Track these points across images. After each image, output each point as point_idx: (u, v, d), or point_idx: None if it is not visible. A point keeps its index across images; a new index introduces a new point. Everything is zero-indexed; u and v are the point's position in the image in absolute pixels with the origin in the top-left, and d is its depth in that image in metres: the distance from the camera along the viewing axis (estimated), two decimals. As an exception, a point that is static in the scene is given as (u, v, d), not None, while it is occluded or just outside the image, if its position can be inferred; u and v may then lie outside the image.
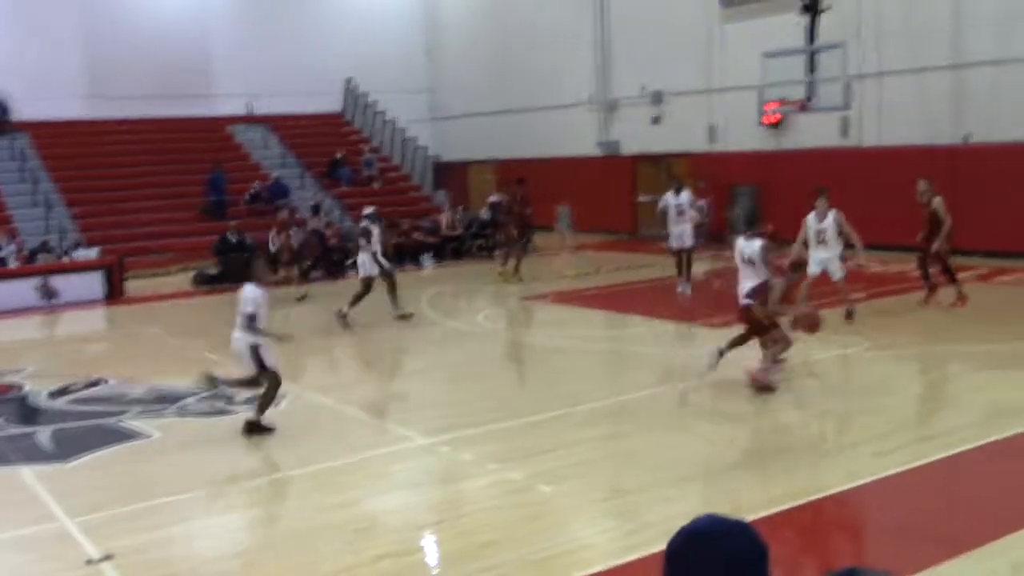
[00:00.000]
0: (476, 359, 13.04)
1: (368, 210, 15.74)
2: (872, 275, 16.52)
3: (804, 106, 18.59)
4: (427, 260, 22.78)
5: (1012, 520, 6.24)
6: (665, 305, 16.48)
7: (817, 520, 6.85)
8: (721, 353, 9.88)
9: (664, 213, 16.52)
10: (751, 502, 6.76)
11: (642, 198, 20.36)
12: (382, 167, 29.71)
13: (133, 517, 7.18)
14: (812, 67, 18.48)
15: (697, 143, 24.59)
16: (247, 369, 9.31)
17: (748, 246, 9.83)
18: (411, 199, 28.93)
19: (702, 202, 16.18)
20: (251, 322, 9.15)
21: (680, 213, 16.18)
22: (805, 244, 13.14)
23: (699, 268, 17.90)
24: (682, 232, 16.27)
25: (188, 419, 9.99)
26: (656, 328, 14.31)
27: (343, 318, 14.70)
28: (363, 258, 15.12)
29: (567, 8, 28.07)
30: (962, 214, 14.32)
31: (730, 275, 17.80)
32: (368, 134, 31.32)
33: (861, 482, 7.21)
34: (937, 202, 13.91)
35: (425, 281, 20.06)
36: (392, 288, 15.16)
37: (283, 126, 30.14)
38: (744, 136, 23.22)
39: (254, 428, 9.10)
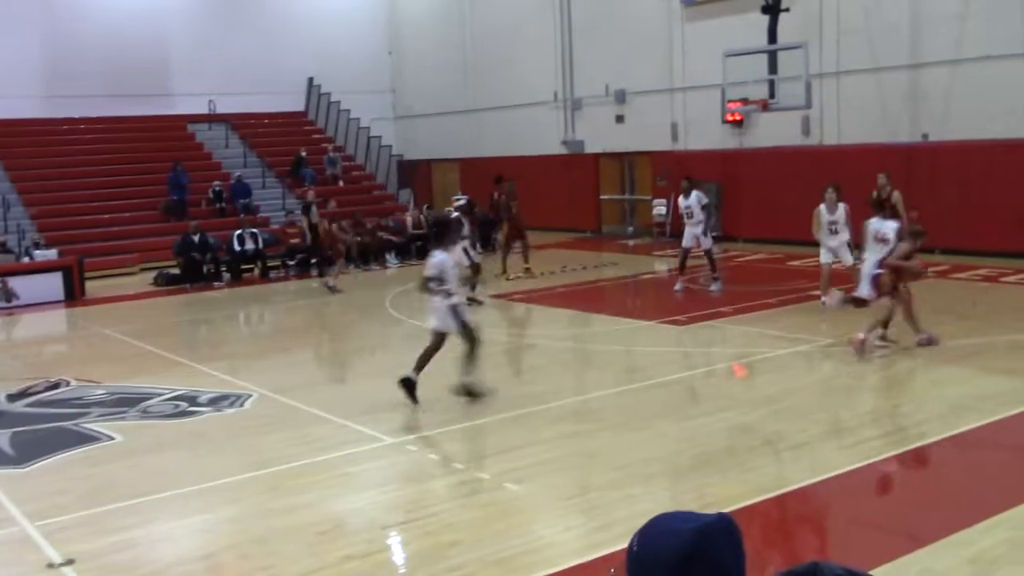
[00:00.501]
0: (442, 358, 13.01)
1: (460, 200, 16.80)
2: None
3: (766, 105, 18.75)
4: (392, 259, 22.72)
5: (972, 513, 6.33)
6: (630, 303, 16.56)
7: (782, 515, 6.92)
8: (847, 302, 11.17)
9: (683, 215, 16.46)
10: (717, 498, 6.81)
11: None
12: (346, 166, 29.58)
13: (94, 521, 7.09)
14: (773, 67, 18.64)
15: (660, 142, 24.73)
16: (445, 328, 9.65)
17: (884, 225, 11.40)
18: (375, 198, 28.84)
19: (706, 200, 16.06)
20: (437, 284, 9.48)
21: (689, 216, 16.08)
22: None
23: (662, 266, 18.00)
24: (691, 233, 16.04)
25: (150, 421, 9.88)
26: (621, 326, 14.37)
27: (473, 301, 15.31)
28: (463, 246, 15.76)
29: (529, 7, 28.09)
30: (920, 212, 14.52)
31: (699, 274, 17.93)
32: (331, 133, 31.18)
33: (825, 476, 7.29)
34: (896, 197, 14.15)
35: (390, 280, 19.99)
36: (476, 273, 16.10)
37: (245, 125, 29.92)
38: (707, 135, 23.38)
39: (467, 391, 9.66)
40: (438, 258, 9.67)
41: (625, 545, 1.99)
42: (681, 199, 16.37)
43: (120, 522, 7.07)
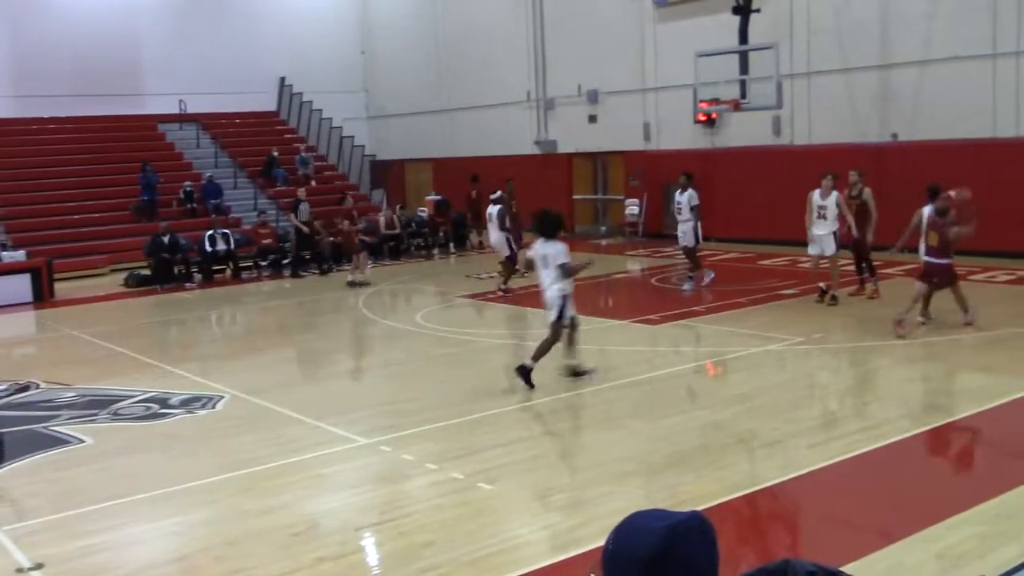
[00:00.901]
0: (415, 358, 13.01)
1: (496, 195, 17.86)
2: (800, 271, 16.81)
3: (737, 105, 18.85)
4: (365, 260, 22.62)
5: (940, 509, 6.40)
6: (603, 303, 16.61)
7: (755, 512, 6.96)
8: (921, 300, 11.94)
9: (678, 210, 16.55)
10: (690, 496, 6.84)
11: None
12: (318, 166, 29.46)
13: (64, 525, 7.02)
14: (744, 67, 18.74)
15: (633, 141, 24.82)
16: (551, 316, 10.05)
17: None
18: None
19: (696, 202, 16.16)
20: (567, 271, 10.04)
21: (679, 212, 16.22)
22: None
23: (635, 266, 18.05)
24: (685, 231, 16.21)
25: (122, 424, 9.80)
26: (594, 325, 14.39)
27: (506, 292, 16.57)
28: (498, 237, 17.10)
29: (502, 8, 28.10)
30: (889, 211, 14.65)
31: (673, 272, 18.00)
32: (303, 133, 31.04)
33: (796, 474, 7.35)
34: (867, 193, 14.32)
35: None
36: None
37: (216, 125, 29.73)
38: (679, 135, 23.49)
39: (573, 371, 10.19)
40: (560, 247, 10.09)
41: (600, 544, 1.99)
42: (677, 194, 16.47)
43: (91, 526, 7.01)
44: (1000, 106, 18.06)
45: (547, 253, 10.12)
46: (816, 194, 14.38)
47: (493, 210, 17.56)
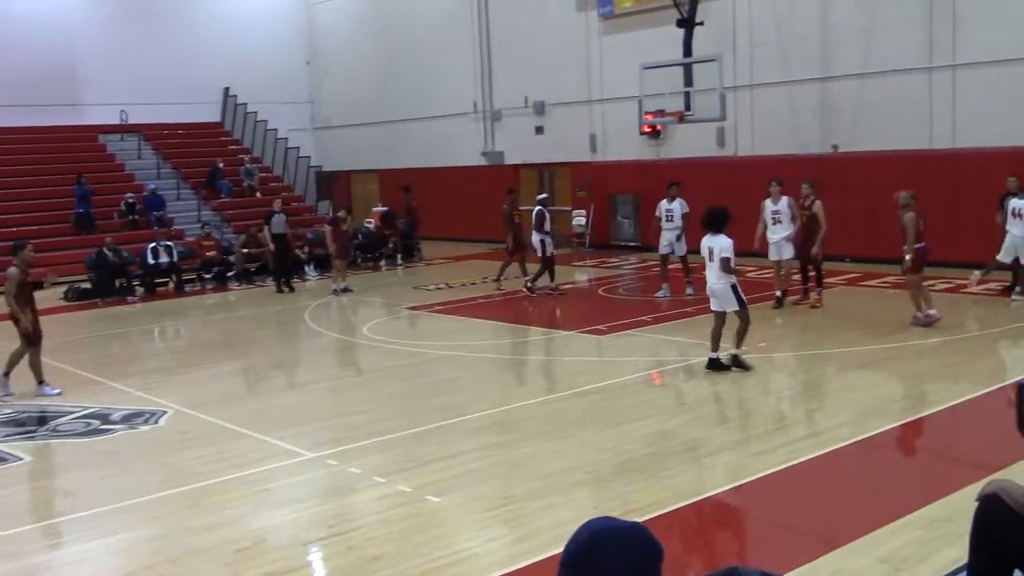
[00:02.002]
0: (362, 370, 12.94)
1: (542, 196, 18.42)
2: (745, 281, 16.99)
3: (682, 117, 19.06)
4: (311, 271, 22.45)
5: (882, 514, 6.50)
6: (550, 313, 16.65)
7: (701, 520, 7.01)
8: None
9: (659, 219, 16.57)
10: (638, 505, 6.88)
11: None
12: (263, 177, 29.18)
13: (0, 545, 6.85)
14: (689, 79, 18.96)
15: (579, 153, 24.97)
16: (727, 307, 10.67)
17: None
18: (294, 210, 28.41)
19: (687, 210, 16.25)
20: (728, 265, 10.50)
21: (669, 219, 16.27)
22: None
23: (582, 276, 18.12)
24: (668, 239, 16.24)
25: (61, 440, 9.60)
26: (542, 336, 14.44)
27: (530, 291, 17.25)
28: (541, 239, 17.32)
29: (447, 19, 28.14)
30: (829, 221, 14.90)
31: (620, 283, 18.11)
32: (248, 144, 30.74)
33: (743, 481, 7.42)
34: (818, 206, 14.57)
35: (309, 293, 19.77)
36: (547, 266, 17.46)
37: (159, 136, 29.33)
38: (625, 146, 23.68)
39: (736, 362, 10.62)
40: (727, 241, 10.57)
41: (549, 554, 2.02)
42: (664, 202, 16.47)
43: (29, 545, 6.85)
44: (936, 118, 18.47)
45: (712, 246, 10.66)
46: (768, 201, 14.84)
47: (534, 211, 17.83)
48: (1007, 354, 11.58)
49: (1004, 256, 14.42)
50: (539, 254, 17.44)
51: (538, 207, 17.76)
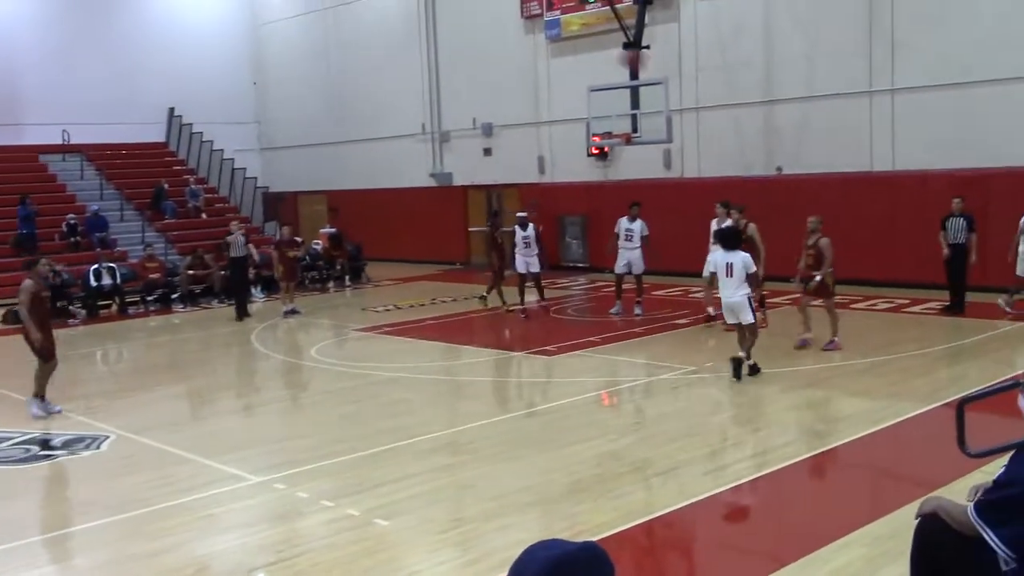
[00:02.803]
0: (309, 393, 12.81)
1: (522, 213, 18.27)
2: (690, 301, 17.18)
3: (629, 139, 19.23)
4: (258, 293, 22.22)
5: (829, 531, 6.58)
6: (499, 334, 16.65)
7: (651, 540, 7.04)
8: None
9: (617, 236, 16.61)
10: (588, 525, 6.88)
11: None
12: (208, 198, 28.86)
13: (-65, 575, 6.66)
14: (636, 102, 19.16)
15: (527, 174, 25.09)
16: (743, 319, 11.27)
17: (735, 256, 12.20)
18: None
19: (647, 232, 16.32)
20: (751, 279, 11.34)
21: (629, 239, 16.30)
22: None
23: (531, 297, 18.14)
24: (626, 258, 16.27)
25: (-2, 467, 9.36)
26: (491, 357, 14.43)
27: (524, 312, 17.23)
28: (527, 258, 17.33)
29: (396, 41, 28.17)
30: (774, 243, 15.10)
31: (569, 303, 18.17)
32: (193, 165, 30.40)
33: (692, 501, 7.46)
34: (752, 229, 14.70)
35: (255, 315, 19.54)
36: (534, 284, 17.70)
37: (101, 156, 28.88)
38: (572, 168, 23.84)
39: (753, 370, 11.27)
40: (747, 257, 11.38)
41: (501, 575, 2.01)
42: (625, 220, 16.50)
43: (-36, 575, 6.65)
44: (877, 141, 18.87)
45: (732, 262, 11.31)
46: (715, 221, 15.08)
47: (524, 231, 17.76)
48: (947, 372, 11.82)
49: (1022, 271, 14.57)
50: (533, 271, 17.47)
51: (531, 224, 17.83)
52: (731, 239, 11.67)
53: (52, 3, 29.19)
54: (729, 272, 11.34)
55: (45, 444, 9.96)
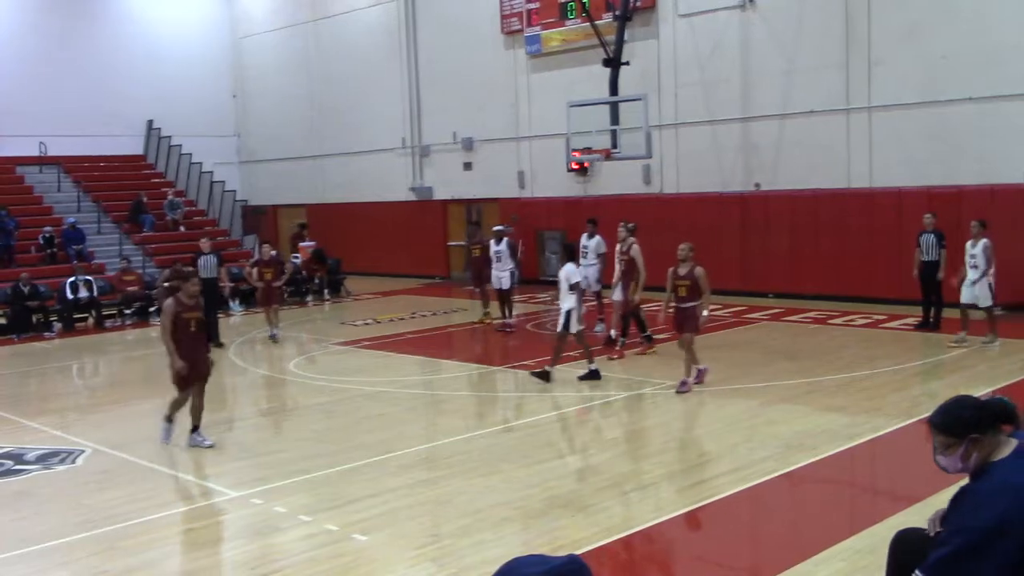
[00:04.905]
0: (288, 407, 12.75)
1: (500, 228, 18.45)
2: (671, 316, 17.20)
3: (608, 154, 19.32)
4: (236, 306, 22.11)
5: (808, 546, 6.60)
6: (479, 349, 16.63)
7: (630, 555, 7.03)
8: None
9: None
10: (566, 541, 6.87)
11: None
12: (187, 211, 28.72)
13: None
14: (615, 117, 19.26)
15: (508, 189, 25.13)
16: (560, 327, 12.40)
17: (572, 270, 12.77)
18: (219, 244, 28.03)
19: (604, 249, 16.25)
20: (577, 290, 12.31)
21: (584, 255, 16.20)
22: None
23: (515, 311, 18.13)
24: (586, 275, 16.08)
25: (-29, 482, 9.24)
26: (470, 372, 14.40)
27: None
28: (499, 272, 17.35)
29: (376, 54, 28.20)
30: (752, 258, 15.17)
31: (548, 318, 18.17)
32: (172, 177, 30.26)
33: (670, 515, 7.47)
34: (635, 250, 14.28)
35: (234, 328, 19.44)
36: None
37: (79, 168, 28.70)
38: (552, 182, 23.91)
39: (542, 375, 12.45)
40: (574, 269, 12.51)
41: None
42: (584, 237, 16.44)
43: (-65, 592, 6.57)
44: (854, 157, 19.03)
45: (563, 276, 12.45)
46: (584, 236, 16.13)
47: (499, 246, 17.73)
48: (923, 388, 11.89)
49: (967, 298, 14.39)
50: (504, 287, 17.31)
51: (507, 239, 17.77)
52: (564, 253, 12.78)
53: (30, 14, 29.06)
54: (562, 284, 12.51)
55: (19, 459, 9.86)
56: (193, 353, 10.11)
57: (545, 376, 12.52)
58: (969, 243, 13.98)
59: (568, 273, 12.43)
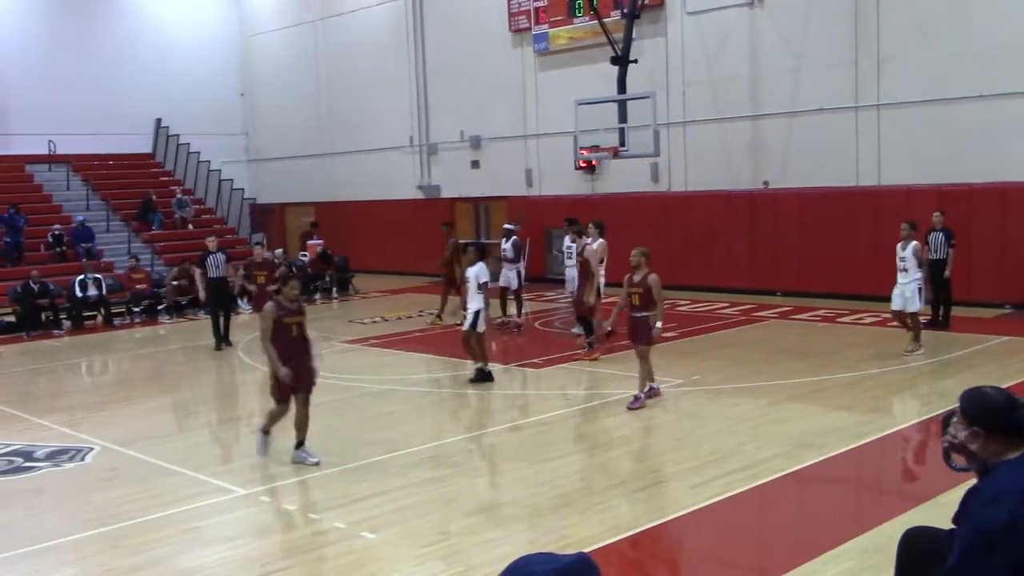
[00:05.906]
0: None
1: (509, 225, 18.30)
2: (678, 314, 17.21)
3: (616, 152, 19.29)
4: (244, 305, 22.13)
5: (816, 545, 6.58)
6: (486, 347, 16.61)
7: (637, 554, 7.02)
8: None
9: (562, 254, 16.65)
10: (574, 539, 6.87)
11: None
12: (196, 209, 28.78)
13: (-84, 589, 6.59)
14: (623, 115, 19.22)
15: (515, 187, 25.12)
16: (467, 326, 12.71)
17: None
18: (227, 242, 28.08)
19: (577, 249, 16.22)
20: (484, 289, 12.55)
21: (569, 256, 16.25)
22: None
23: (515, 310, 18.10)
24: (572, 276, 15.98)
25: (-19, 479, 9.28)
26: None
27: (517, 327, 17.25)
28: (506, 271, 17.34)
29: (384, 53, 28.21)
30: (761, 256, 15.12)
31: (555, 317, 18.15)
32: (180, 176, 30.33)
33: (678, 514, 7.46)
34: (589, 251, 14.25)
35: (242, 327, 19.47)
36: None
37: (88, 167, 28.79)
38: (560, 181, 23.89)
39: (480, 375, 12.72)
40: (481, 269, 12.63)
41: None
42: (567, 239, 16.48)
43: (-55, 589, 6.59)
44: (863, 155, 18.97)
45: (471, 276, 12.69)
46: (567, 239, 16.13)
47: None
48: (932, 387, 11.85)
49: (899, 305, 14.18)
50: (512, 287, 17.31)
51: (514, 237, 17.71)
52: (475, 253, 13.01)
53: (39, 13, 29.15)
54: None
55: (28, 456, 9.89)
56: (295, 360, 9.24)
57: (487, 376, 12.74)
58: (899, 245, 13.48)
59: (477, 273, 12.61)
